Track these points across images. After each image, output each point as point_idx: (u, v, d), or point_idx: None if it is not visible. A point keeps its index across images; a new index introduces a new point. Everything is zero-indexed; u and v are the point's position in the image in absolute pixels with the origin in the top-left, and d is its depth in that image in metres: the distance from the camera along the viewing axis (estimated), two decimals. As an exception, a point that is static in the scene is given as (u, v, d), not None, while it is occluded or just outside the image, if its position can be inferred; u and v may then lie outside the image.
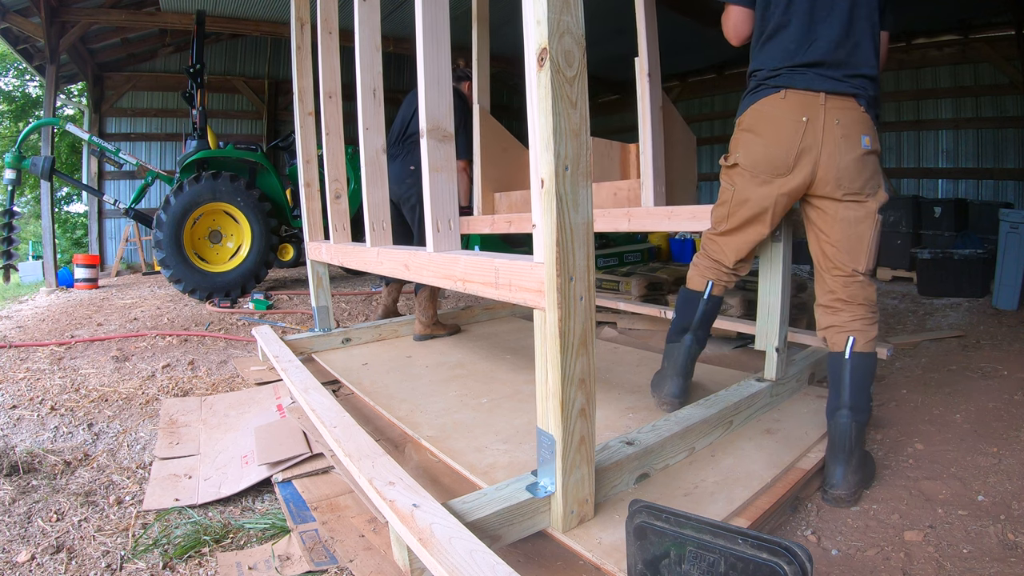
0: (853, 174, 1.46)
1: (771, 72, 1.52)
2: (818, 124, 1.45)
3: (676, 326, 1.81)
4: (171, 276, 4.59)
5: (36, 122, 5.51)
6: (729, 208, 1.65)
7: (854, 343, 1.48)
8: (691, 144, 2.55)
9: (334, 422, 1.59)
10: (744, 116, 1.59)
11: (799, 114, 1.47)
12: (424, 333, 2.92)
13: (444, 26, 1.50)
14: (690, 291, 1.79)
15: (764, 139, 1.52)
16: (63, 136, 8.48)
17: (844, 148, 1.45)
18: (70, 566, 1.26)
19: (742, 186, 1.60)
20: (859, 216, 1.49)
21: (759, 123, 1.54)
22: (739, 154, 1.59)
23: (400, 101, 3.16)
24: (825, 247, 1.55)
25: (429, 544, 0.99)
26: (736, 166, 1.61)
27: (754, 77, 1.58)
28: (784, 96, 1.48)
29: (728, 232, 1.69)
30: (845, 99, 1.46)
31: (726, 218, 1.67)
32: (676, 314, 1.82)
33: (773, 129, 1.50)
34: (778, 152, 1.50)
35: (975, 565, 1.17)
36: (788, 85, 1.48)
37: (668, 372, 1.78)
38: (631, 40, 2.28)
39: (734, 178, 1.62)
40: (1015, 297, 3.55)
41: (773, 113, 1.50)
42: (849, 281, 1.51)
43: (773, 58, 1.52)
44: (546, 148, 1.03)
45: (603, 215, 2.36)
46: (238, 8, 5.80)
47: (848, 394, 1.46)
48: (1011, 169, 5.65)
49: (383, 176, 2.11)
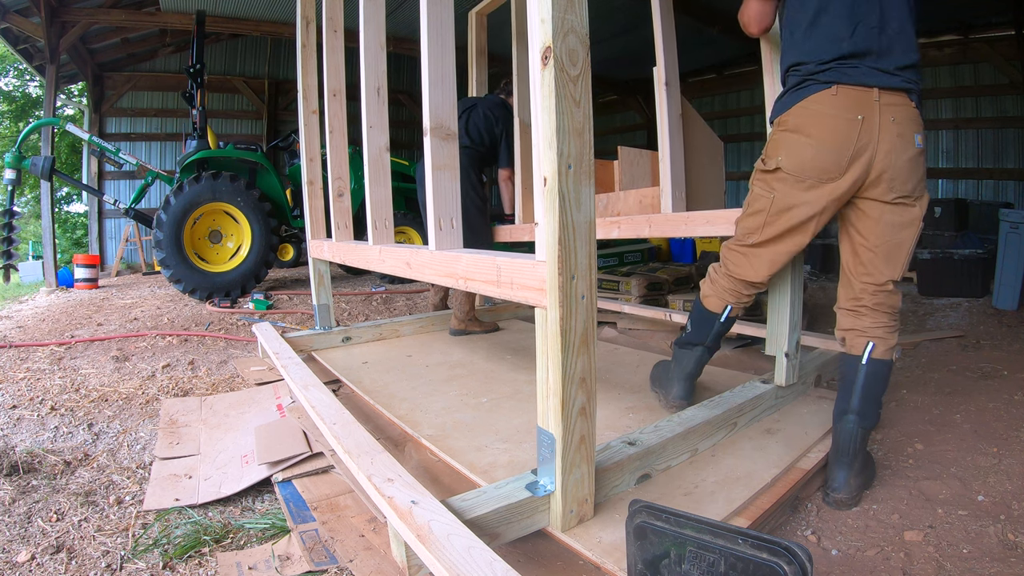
0: (905, 175, 1.37)
1: (820, 66, 1.38)
2: (873, 122, 1.34)
3: (688, 338, 1.74)
4: (171, 276, 4.59)
5: (36, 122, 5.50)
6: (766, 217, 1.50)
7: (873, 349, 1.42)
8: (717, 149, 2.52)
9: (334, 419, 1.59)
10: (787, 115, 1.44)
11: (853, 112, 1.34)
12: (459, 328, 2.94)
13: (448, 26, 1.50)
14: (706, 311, 1.69)
15: (814, 140, 1.38)
16: (63, 136, 8.48)
17: (900, 148, 1.35)
18: (70, 566, 1.26)
19: (784, 193, 1.45)
20: (903, 221, 1.40)
21: (808, 123, 1.39)
22: (781, 157, 1.44)
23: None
24: (861, 251, 1.45)
25: (427, 541, 0.99)
26: (777, 171, 1.45)
27: (796, 71, 1.43)
28: (836, 92, 1.35)
29: (763, 243, 1.54)
30: (898, 95, 1.35)
31: (761, 228, 1.52)
32: (691, 327, 1.74)
33: (825, 129, 1.37)
34: (830, 154, 1.37)
35: (975, 565, 1.17)
36: (839, 80, 1.35)
37: (676, 375, 1.74)
38: (633, 39, 2.28)
39: (774, 184, 1.47)
40: (1015, 297, 3.55)
41: (824, 111, 1.37)
42: (879, 290, 1.43)
43: (820, 49, 1.38)
44: (549, 146, 1.03)
45: (627, 221, 2.36)
46: (238, 8, 5.80)
47: (858, 400, 1.41)
48: (1011, 169, 5.66)
49: (386, 174, 2.11)
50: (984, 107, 5.75)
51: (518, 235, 3.16)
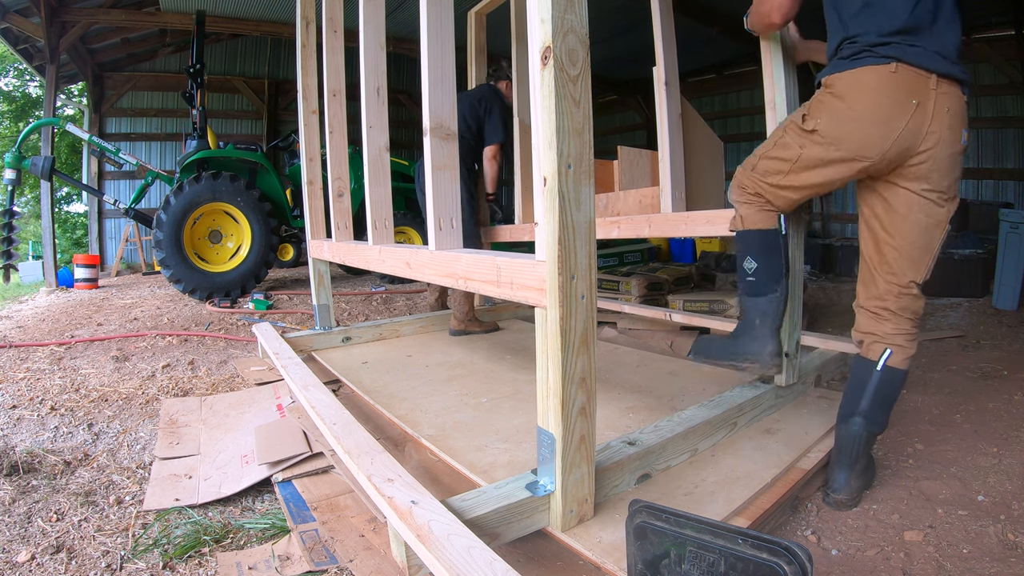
0: (945, 170, 1.30)
1: (880, 38, 1.27)
2: (928, 110, 1.25)
3: (763, 276, 1.53)
4: (171, 276, 4.59)
5: (36, 122, 5.51)
6: (791, 167, 1.41)
7: (890, 356, 1.37)
8: (717, 149, 2.52)
9: (334, 419, 1.59)
10: (835, 78, 1.32)
11: (908, 95, 1.25)
12: (459, 329, 2.92)
13: (448, 26, 1.50)
14: (762, 232, 1.51)
15: (857, 114, 1.29)
16: (63, 136, 8.47)
17: (947, 141, 1.27)
18: (70, 566, 1.26)
19: (812, 154, 1.37)
20: (933, 222, 1.33)
21: (855, 93, 1.29)
22: (821, 120, 1.34)
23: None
24: (885, 249, 1.38)
25: (427, 541, 0.99)
26: (814, 132, 1.35)
27: (852, 43, 1.32)
28: (896, 70, 1.24)
29: (783, 187, 1.46)
30: (954, 84, 1.27)
31: (784, 174, 1.44)
32: (758, 263, 1.53)
33: (872, 107, 1.27)
34: (872, 134, 1.27)
35: (975, 565, 1.17)
36: (900, 57, 1.24)
37: (764, 331, 1.54)
38: (633, 39, 2.28)
39: (805, 142, 1.38)
40: (1015, 297, 3.56)
41: (877, 86, 1.26)
42: (903, 292, 1.37)
43: (879, 21, 1.28)
44: (549, 146, 1.03)
45: (627, 221, 2.36)
46: (238, 8, 5.81)
47: (868, 404, 1.38)
48: (1011, 169, 5.66)
49: (386, 174, 2.11)
50: (984, 107, 5.75)
51: (518, 235, 3.16)
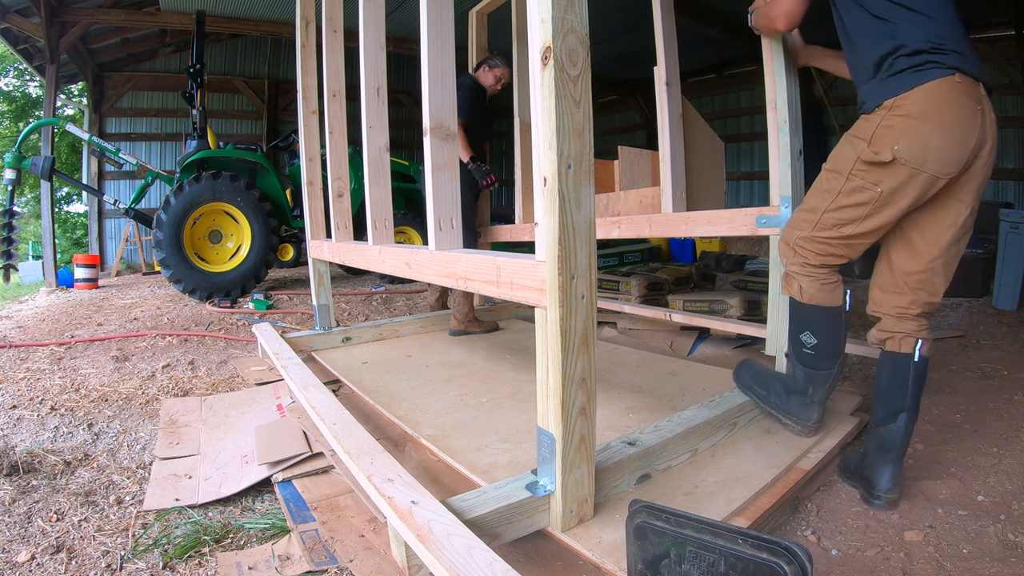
0: (988, 177, 1.31)
1: (936, 47, 1.23)
2: (988, 117, 1.25)
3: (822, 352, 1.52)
4: (171, 276, 4.59)
5: (36, 122, 5.51)
6: (868, 209, 1.34)
7: (922, 346, 1.38)
8: (718, 149, 2.53)
9: (333, 419, 1.59)
10: (905, 99, 1.25)
11: (975, 103, 1.24)
12: (459, 329, 2.92)
13: (448, 25, 1.50)
14: (826, 309, 1.48)
15: (943, 129, 1.23)
16: (63, 136, 8.48)
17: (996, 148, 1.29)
18: (70, 566, 1.26)
19: (894, 185, 1.29)
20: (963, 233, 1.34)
21: (934, 109, 1.23)
22: (899, 147, 1.26)
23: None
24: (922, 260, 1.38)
25: (427, 541, 0.99)
26: (894, 161, 1.27)
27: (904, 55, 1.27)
28: (960, 80, 1.23)
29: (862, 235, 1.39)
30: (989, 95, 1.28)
31: (863, 219, 1.36)
32: (818, 339, 1.51)
33: (954, 117, 1.23)
34: (955, 146, 1.24)
35: (975, 565, 1.17)
36: (961, 67, 1.23)
37: (814, 399, 1.56)
38: (633, 39, 2.28)
39: (883, 176, 1.30)
40: (1015, 297, 3.55)
41: (952, 98, 1.22)
42: (931, 302, 1.40)
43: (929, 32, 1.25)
44: (549, 146, 1.03)
45: (627, 221, 2.37)
46: (238, 8, 5.81)
47: (911, 396, 1.37)
48: (1011, 169, 5.66)
49: (386, 174, 2.11)
50: (984, 107, 5.75)
51: (518, 235, 3.15)
